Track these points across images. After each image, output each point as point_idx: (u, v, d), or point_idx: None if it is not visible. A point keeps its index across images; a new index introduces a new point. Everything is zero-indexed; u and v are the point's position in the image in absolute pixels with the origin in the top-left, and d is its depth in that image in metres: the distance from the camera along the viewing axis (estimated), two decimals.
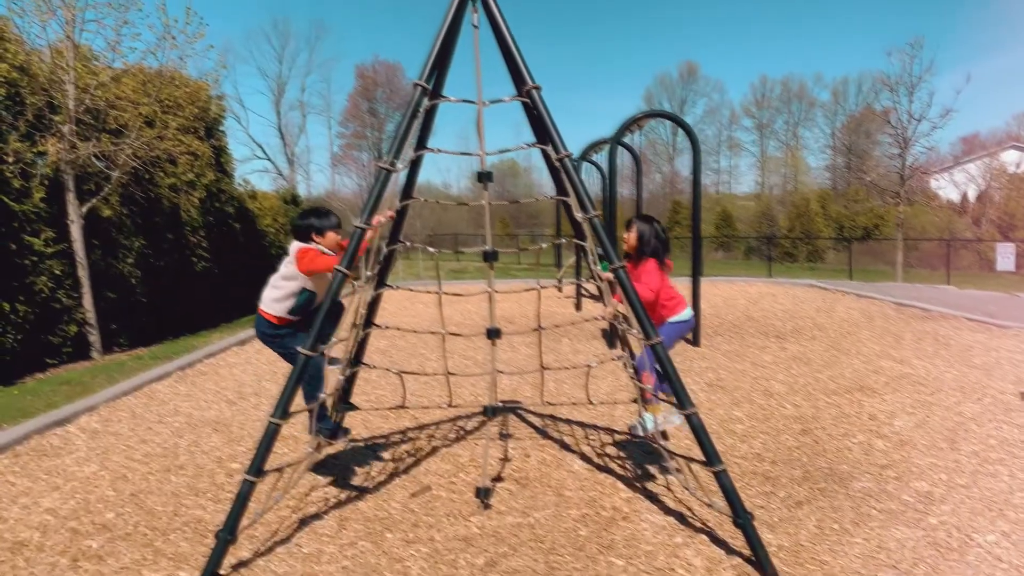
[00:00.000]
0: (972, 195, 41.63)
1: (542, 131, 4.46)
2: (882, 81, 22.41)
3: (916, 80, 21.74)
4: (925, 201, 27.43)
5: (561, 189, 4.96)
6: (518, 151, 5.60)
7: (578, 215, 4.50)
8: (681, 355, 9.10)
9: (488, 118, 4.48)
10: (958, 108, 22.12)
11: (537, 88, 4.39)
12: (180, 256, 13.70)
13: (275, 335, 4.61)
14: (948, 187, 36.09)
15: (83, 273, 10.34)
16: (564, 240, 5.73)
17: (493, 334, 4.71)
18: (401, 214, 5.21)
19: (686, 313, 4.88)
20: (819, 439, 5.77)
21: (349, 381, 5.43)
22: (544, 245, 5.74)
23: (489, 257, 4.59)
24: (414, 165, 5.05)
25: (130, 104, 11.23)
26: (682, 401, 3.87)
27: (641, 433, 4.68)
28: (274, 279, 4.59)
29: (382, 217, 4.36)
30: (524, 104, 4.66)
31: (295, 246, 4.55)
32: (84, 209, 10.38)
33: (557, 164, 4.38)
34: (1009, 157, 40.33)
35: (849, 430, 5.99)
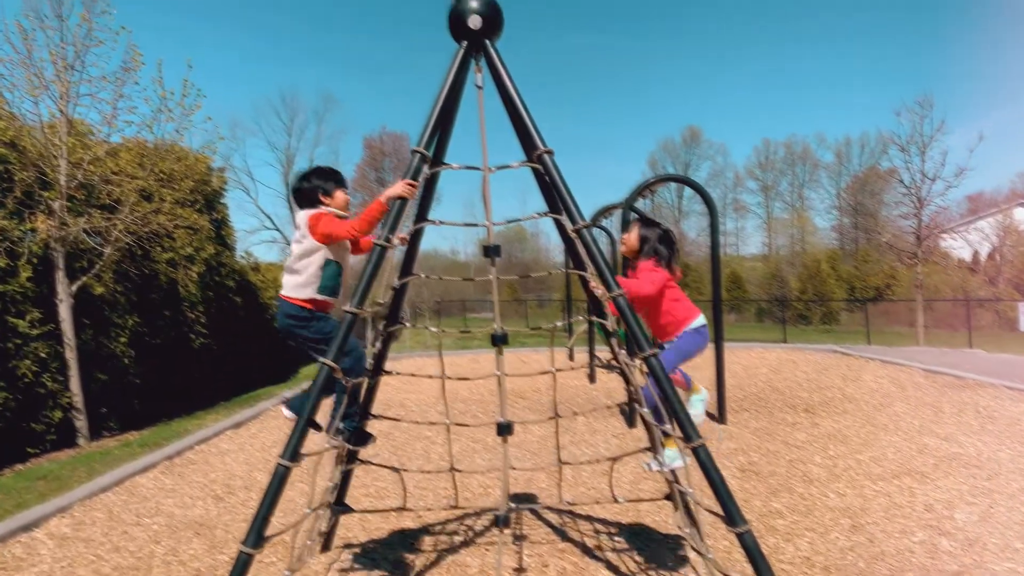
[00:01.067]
0: (984, 253, 41.13)
1: (555, 199, 3.98)
2: (892, 141, 22.14)
3: (927, 139, 21.49)
4: (943, 261, 26.93)
5: (577, 261, 4.46)
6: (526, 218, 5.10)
7: (597, 291, 3.98)
8: (707, 434, 8.44)
9: (495, 182, 4.01)
10: (972, 166, 21.74)
11: (549, 152, 3.93)
12: (177, 333, 13.21)
13: (308, 320, 4.01)
14: (960, 246, 35.61)
15: (71, 355, 9.83)
16: (584, 318, 5.20)
17: (504, 430, 4.12)
18: (400, 293, 4.69)
19: (698, 321, 4.34)
20: (874, 537, 5.10)
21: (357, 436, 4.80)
22: (559, 324, 5.21)
23: (498, 340, 4.05)
24: (414, 238, 4.56)
25: (126, 178, 10.89)
26: (687, 433, 3.30)
27: (656, 468, 4.23)
28: (290, 263, 4.03)
29: (396, 240, 3.84)
30: (535, 170, 4.20)
31: (303, 214, 4.01)
32: (74, 287, 9.93)
33: (573, 235, 3.86)
34: (1020, 215, 39.97)
35: (906, 525, 5.31)
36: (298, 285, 3.99)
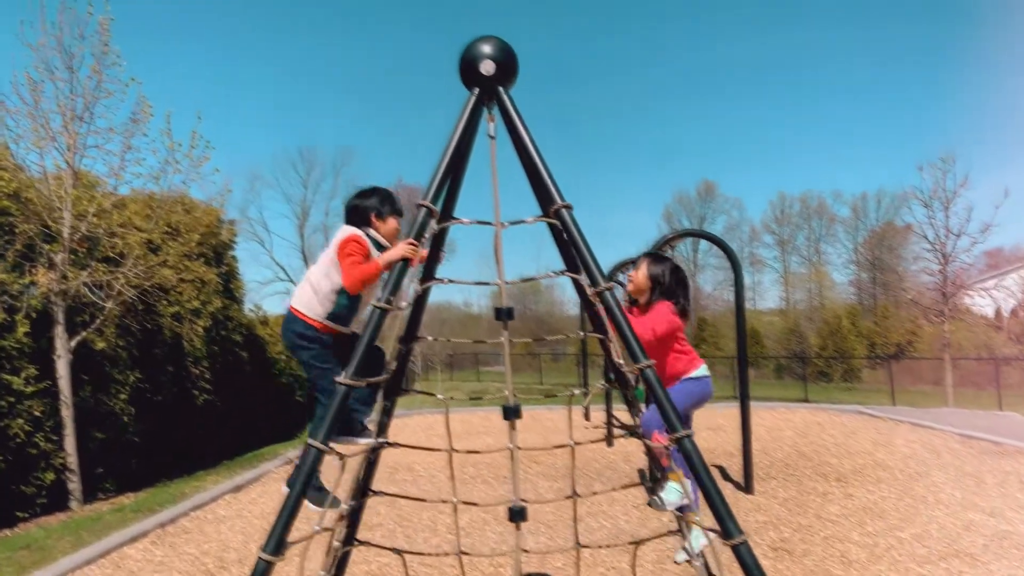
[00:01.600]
0: (1006, 310, 40.33)
1: (575, 258, 3.60)
2: (915, 196, 21.80)
3: (951, 195, 21.15)
4: (970, 319, 26.33)
5: (596, 323, 4.07)
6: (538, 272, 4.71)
7: (619, 360, 3.59)
8: (734, 505, 7.90)
9: (507, 236, 3.67)
10: (998, 222, 21.35)
11: (567, 207, 3.57)
12: (180, 389, 12.85)
13: (312, 340, 3.75)
14: (985, 303, 34.94)
15: (67, 413, 9.46)
16: (602, 384, 4.78)
17: (517, 516, 3.68)
18: (404, 358, 4.29)
19: (701, 370, 4.02)
20: None
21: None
22: (576, 392, 4.79)
23: (510, 414, 3.64)
24: (420, 299, 4.18)
25: (132, 230, 10.67)
26: (727, 529, 2.89)
27: (662, 508, 3.95)
28: (311, 273, 3.83)
29: (415, 258, 3.56)
30: (551, 226, 3.84)
31: (343, 232, 3.80)
32: (74, 343, 9.62)
33: (594, 298, 3.47)
34: None
35: None
36: (310, 301, 3.76)
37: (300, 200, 69.16)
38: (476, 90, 3.71)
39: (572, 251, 3.81)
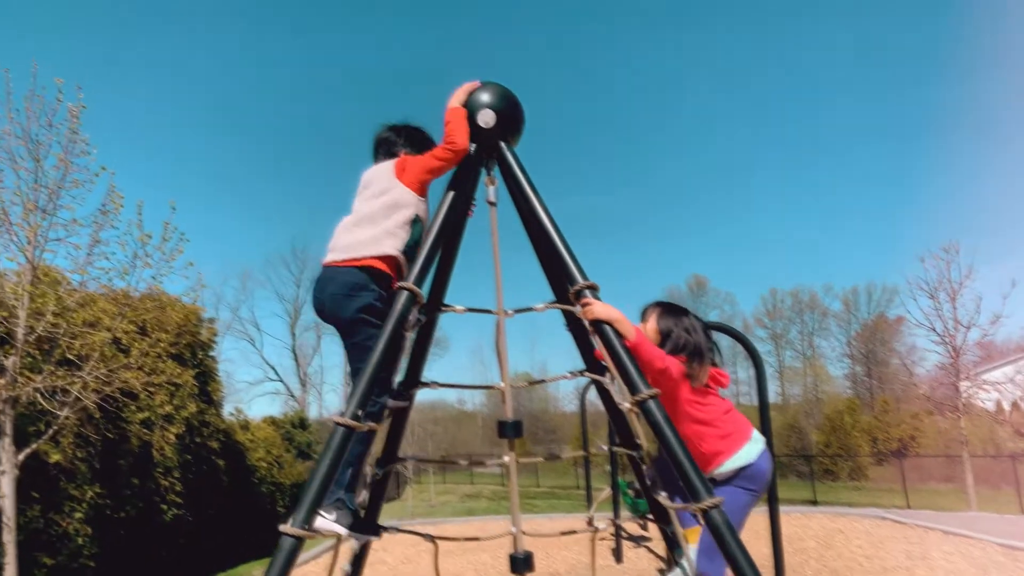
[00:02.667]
0: (1007, 403, 39.42)
1: (609, 359, 2.76)
2: (920, 287, 21.23)
3: (957, 285, 20.60)
4: (971, 413, 25.41)
5: (625, 436, 3.28)
6: (532, 361, 3.91)
7: (661, 498, 2.78)
8: None
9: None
10: (1007, 313, 20.78)
11: (593, 288, 2.80)
12: (146, 504, 11.73)
13: (373, 289, 2.88)
14: (990, 396, 34.07)
15: (9, 537, 8.38)
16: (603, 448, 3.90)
17: None
18: (382, 482, 3.43)
19: (748, 452, 2.86)
20: None
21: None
22: (593, 520, 3.93)
23: (520, 566, 2.77)
24: (399, 413, 3.34)
25: (95, 330, 9.82)
26: None
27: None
28: (359, 217, 3.00)
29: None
30: (567, 313, 3.09)
31: (387, 164, 3.07)
32: (22, 456, 8.64)
33: (633, 410, 2.64)
34: None
35: None
36: (372, 239, 2.92)
37: (293, 299, 68.62)
38: (472, 147, 3.02)
39: (591, 342, 3.06)
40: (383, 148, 3.23)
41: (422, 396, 3.54)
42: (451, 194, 3.00)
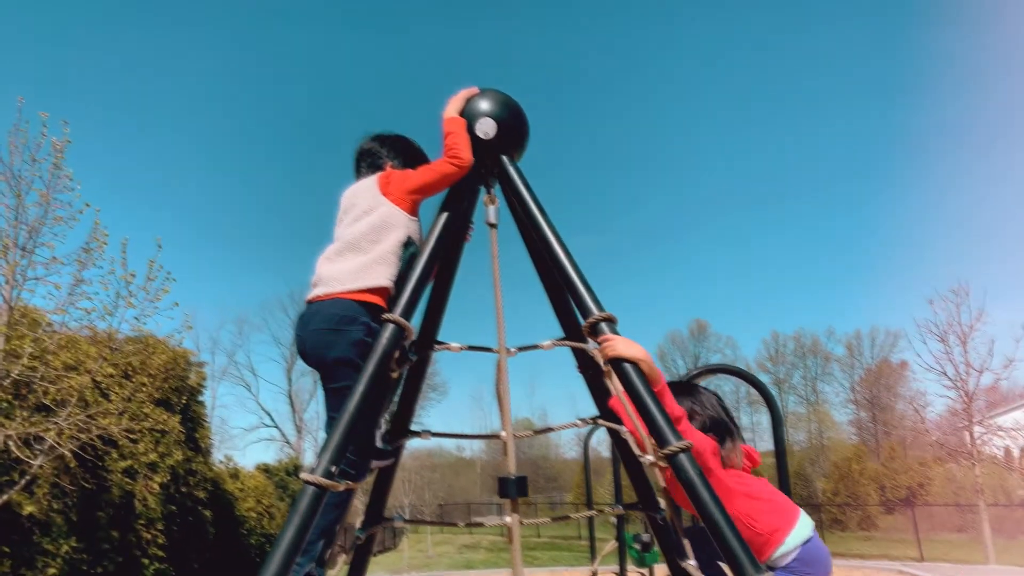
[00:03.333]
0: (1015, 449, 38.68)
1: (632, 405, 2.34)
2: (929, 330, 20.78)
3: (967, 328, 20.15)
4: (998, 462, 24.76)
5: (643, 491, 2.84)
6: (536, 411, 3.46)
7: (691, 567, 2.32)
8: None
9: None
10: (1022, 356, 20.23)
11: (610, 320, 2.39)
12: (127, 559, 11.13)
13: (360, 322, 2.49)
14: (1000, 442, 33.41)
15: None
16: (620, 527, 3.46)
17: None
18: (366, 546, 2.98)
19: (805, 526, 2.37)
20: None
21: None
22: (597, 574, 3.46)
23: None
24: (385, 472, 2.91)
25: (76, 373, 9.38)
26: None
27: None
28: (343, 244, 2.60)
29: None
30: (578, 351, 2.69)
31: (370, 179, 2.70)
32: None
33: (658, 465, 2.20)
34: None
35: None
36: (361, 268, 2.54)
37: (289, 343, 67.98)
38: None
39: (605, 385, 2.64)
40: (365, 161, 2.84)
41: (419, 442, 3.11)
42: (445, 215, 2.61)
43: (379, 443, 2.71)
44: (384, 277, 2.53)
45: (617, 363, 2.34)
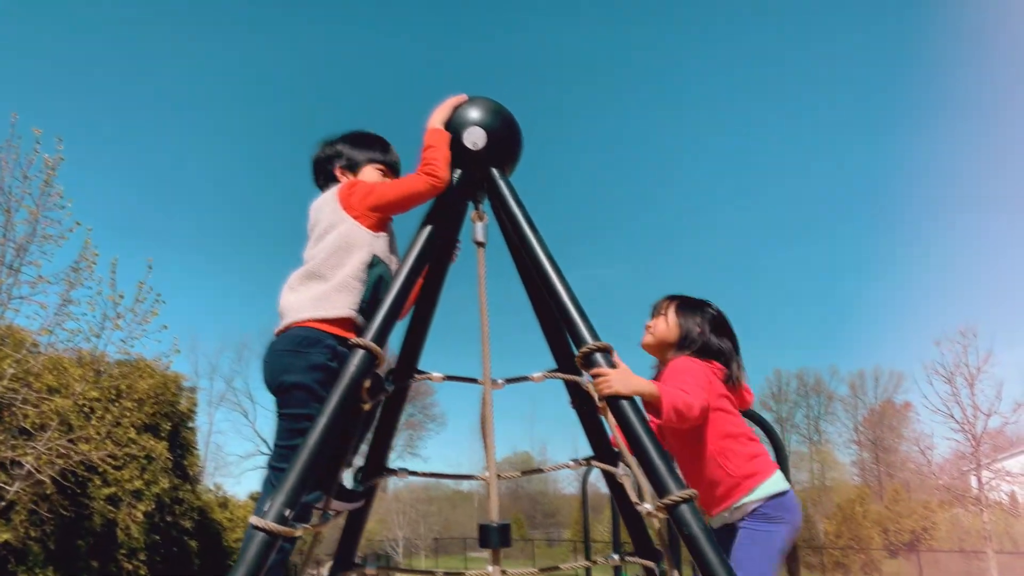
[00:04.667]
0: (1021, 495, 38.04)
1: (627, 449, 2.11)
2: (936, 372, 20.50)
3: (975, 371, 19.86)
4: (1011, 510, 24.27)
5: (641, 540, 2.58)
6: (538, 451, 3.25)
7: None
8: None
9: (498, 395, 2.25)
10: None
11: (606, 349, 2.14)
12: None
13: (317, 348, 2.23)
14: (1008, 489, 32.86)
15: None
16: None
17: None
18: None
19: (778, 479, 2.29)
20: None
21: None
22: None
23: None
24: (356, 515, 2.65)
25: (62, 395, 9.11)
26: None
27: None
28: (306, 269, 2.36)
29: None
30: (571, 384, 2.44)
31: (328, 194, 2.44)
32: None
33: (660, 512, 1.95)
34: None
35: None
36: (320, 297, 2.29)
37: None
38: (457, 172, 2.41)
39: (598, 422, 2.40)
40: (320, 172, 2.59)
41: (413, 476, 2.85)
42: (427, 230, 2.37)
43: (349, 483, 2.47)
44: (345, 306, 2.28)
45: (613, 401, 2.09)
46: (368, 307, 2.29)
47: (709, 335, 2.41)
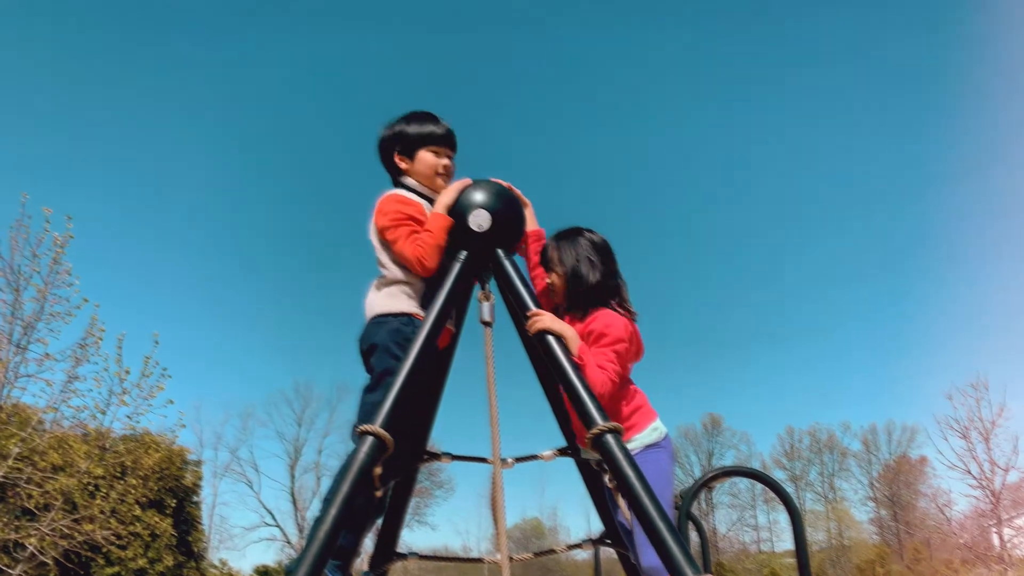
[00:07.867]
0: None
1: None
2: (950, 426, 20.26)
3: (989, 424, 19.62)
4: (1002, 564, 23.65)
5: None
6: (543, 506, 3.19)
7: None
8: None
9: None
10: None
11: (615, 431, 2.11)
12: None
13: (405, 319, 2.45)
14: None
15: None
16: None
17: None
18: None
19: (657, 426, 2.46)
20: None
21: None
22: None
23: None
24: None
25: (67, 474, 9.01)
26: None
27: None
28: (381, 273, 2.59)
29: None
30: (582, 468, 2.43)
31: (380, 199, 2.63)
32: None
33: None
34: None
35: None
36: (389, 297, 2.52)
37: (293, 438, 66.81)
38: (463, 254, 2.43)
39: (609, 502, 2.37)
40: (383, 156, 2.72)
41: (423, 541, 2.81)
42: (436, 309, 2.38)
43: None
44: (403, 306, 2.50)
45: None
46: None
47: (589, 269, 2.46)
